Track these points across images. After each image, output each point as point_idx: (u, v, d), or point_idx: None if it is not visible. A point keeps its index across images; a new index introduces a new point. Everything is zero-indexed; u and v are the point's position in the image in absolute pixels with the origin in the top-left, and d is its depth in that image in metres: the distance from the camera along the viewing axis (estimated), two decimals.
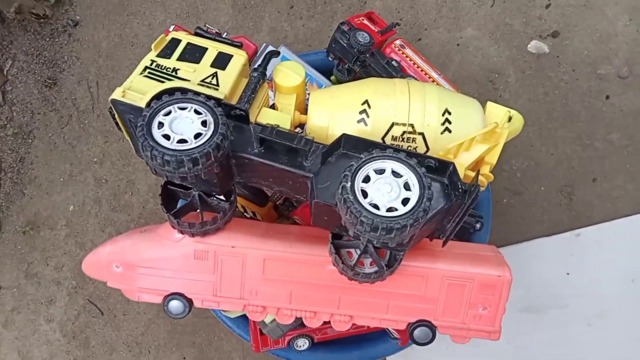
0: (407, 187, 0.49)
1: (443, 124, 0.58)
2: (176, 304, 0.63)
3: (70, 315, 1.14)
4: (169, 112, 0.51)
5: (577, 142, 1.14)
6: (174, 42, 0.58)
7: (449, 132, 0.58)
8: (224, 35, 0.62)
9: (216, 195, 0.61)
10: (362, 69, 0.78)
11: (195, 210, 0.61)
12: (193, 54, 0.58)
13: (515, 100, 1.16)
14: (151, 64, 0.56)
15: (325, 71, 0.88)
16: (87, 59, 1.22)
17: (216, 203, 0.61)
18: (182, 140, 0.50)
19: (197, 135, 0.50)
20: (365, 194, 0.49)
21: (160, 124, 0.51)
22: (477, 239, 0.86)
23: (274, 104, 0.64)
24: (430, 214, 0.50)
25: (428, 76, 0.79)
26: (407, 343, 0.79)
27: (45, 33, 1.23)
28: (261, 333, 0.82)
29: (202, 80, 0.56)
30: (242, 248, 0.61)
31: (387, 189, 0.49)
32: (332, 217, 0.53)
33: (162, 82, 0.55)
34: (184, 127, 0.51)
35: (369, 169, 0.50)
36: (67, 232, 1.17)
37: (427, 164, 0.53)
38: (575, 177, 1.13)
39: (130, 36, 1.22)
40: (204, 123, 0.51)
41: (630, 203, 1.12)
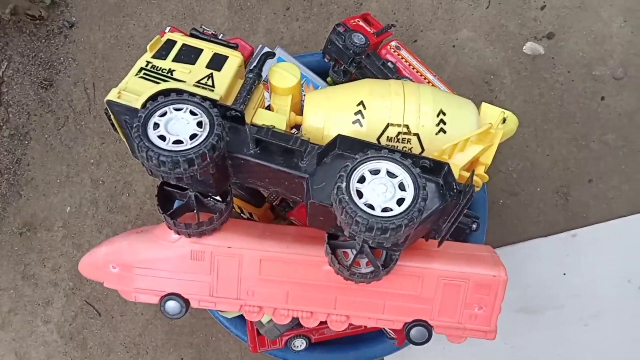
0: (402, 187, 0.49)
1: (438, 124, 0.58)
2: (173, 305, 0.63)
3: (67, 317, 1.14)
4: (164, 113, 0.51)
5: (572, 143, 1.14)
6: (170, 43, 0.59)
7: (443, 132, 0.58)
8: (219, 37, 0.62)
9: (212, 196, 0.61)
10: (358, 70, 0.78)
11: (191, 211, 0.61)
12: (188, 55, 0.58)
13: (511, 101, 1.16)
14: (146, 65, 0.56)
15: (322, 72, 0.88)
16: (83, 61, 1.22)
17: (212, 204, 0.61)
18: (177, 141, 0.50)
19: (193, 136, 0.50)
20: (360, 194, 0.49)
21: (155, 125, 0.51)
22: (474, 240, 0.86)
23: (269, 105, 0.64)
24: (425, 214, 0.50)
25: (423, 77, 0.79)
26: (403, 343, 0.79)
27: (41, 34, 1.23)
28: (258, 333, 0.82)
29: (198, 82, 0.56)
30: (239, 248, 0.61)
31: (382, 189, 0.49)
32: (327, 218, 0.53)
33: (157, 83, 0.55)
34: (179, 128, 0.51)
35: (364, 169, 0.50)
36: (64, 234, 1.17)
37: (422, 164, 0.53)
38: (571, 178, 1.14)
39: (126, 37, 1.22)
40: (199, 124, 0.51)
41: (625, 204, 1.12)
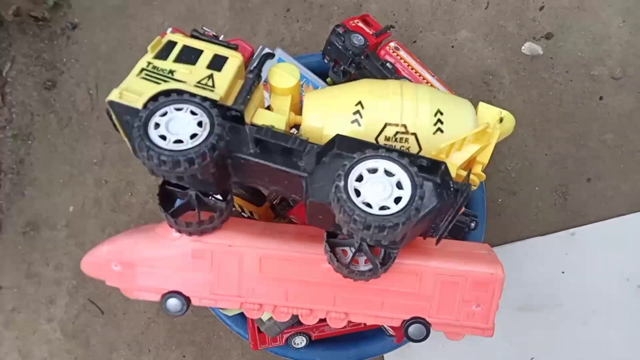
0: (399, 186, 0.50)
1: (435, 124, 0.59)
2: (174, 302, 0.63)
3: (70, 315, 1.15)
4: (165, 113, 0.52)
5: (571, 143, 1.15)
6: (170, 44, 0.59)
7: (441, 132, 0.59)
8: (220, 38, 0.63)
9: (213, 195, 0.62)
10: (357, 71, 0.79)
11: (192, 209, 0.61)
12: (189, 56, 0.59)
13: (510, 101, 1.17)
14: (147, 66, 0.57)
15: (321, 73, 0.89)
16: (86, 62, 1.23)
17: (213, 202, 0.62)
18: (178, 141, 0.51)
19: (193, 136, 0.51)
20: (358, 192, 0.49)
21: (156, 125, 0.51)
22: (472, 238, 0.87)
23: (269, 105, 0.64)
24: (422, 212, 0.50)
25: (422, 78, 0.80)
26: (402, 340, 0.80)
27: (44, 36, 1.24)
28: (259, 331, 0.83)
29: (198, 82, 0.56)
30: (239, 247, 0.62)
31: (379, 187, 0.49)
32: (326, 216, 0.54)
33: (158, 83, 0.55)
34: (180, 127, 0.51)
35: (362, 168, 0.51)
36: (67, 233, 1.17)
37: (419, 163, 0.54)
38: (570, 177, 1.14)
39: (129, 39, 1.23)
40: (199, 124, 0.52)
41: (624, 202, 1.13)
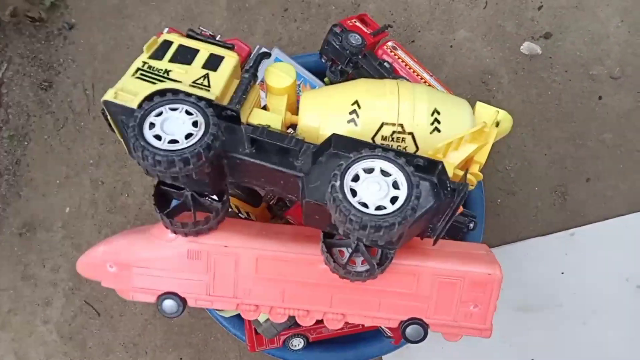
0: (395, 185, 0.49)
1: (432, 123, 0.58)
2: (170, 304, 0.63)
3: (67, 317, 1.15)
4: (160, 113, 0.52)
5: (570, 142, 1.15)
6: (166, 44, 0.59)
7: (438, 131, 0.59)
8: (217, 38, 0.63)
9: (209, 195, 0.62)
10: (355, 71, 0.78)
11: (188, 210, 0.61)
12: (185, 56, 0.58)
13: (509, 101, 1.16)
14: (143, 66, 0.57)
15: (319, 73, 0.89)
16: (82, 62, 1.23)
17: (209, 203, 0.61)
18: (173, 141, 0.50)
19: (188, 136, 0.51)
20: (354, 192, 0.49)
21: (151, 125, 0.51)
22: (471, 239, 0.87)
23: (265, 105, 0.64)
24: (419, 212, 0.50)
25: (420, 77, 0.79)
26: (400, 341, 0.79)
27: (41, 36, 1.23)
28: (256, 332, 0.82)
29: (194, 82, 0.56)
30: (235, 247, 0.62)
31: (375, 187, 0.49)
32: (323, 216, 0.54)
33: (153, 83, 0.55)
34: (175, 127, 0.51)
35: (358, 168, 0.50)
36: (63, 234, 1.17)
37: (416, 163, 0.53)
38: (569, 177, 1.14)
39: (126, 39, 1.23)
40: (195, 124, 0.51)
41: (623, 202, 1.12)
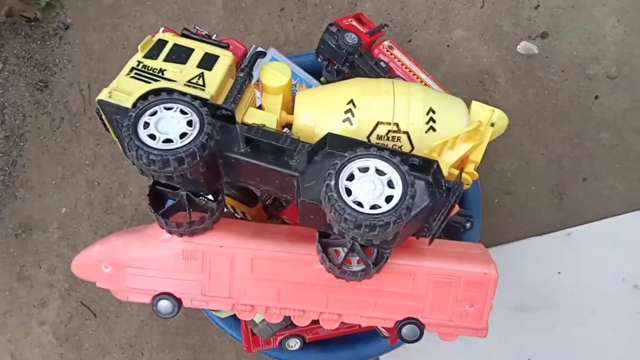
0: (390, 185, 0.49)
1: (427, 122, 0.58)
2: (165, 304, 0.63)
3: (63, 318, 1.14)
4: (154, 112, 0.52)
5: (567, 142, 1.15)
6: (161, 43, 0.59)
7: (433, 130, 0.59)
8: (213, 38, 0.62)
9: (204, 195, 0.62)
10: (351, 70, 0.78)
11: (183, 210, 0.61)
12: (179, 55, 0.58)
13: (506, 100, 1.16)
14: (137, 65, 0.57)
15: (315, 72, 0.89)
16: (78, 62, 1.22)
17: (204, 203, 0.61)
18: (167, 140, 0.50)
19: (183, 135, 0.51)
20: (349, 191, 0.49)
21: (146, 124, 0.51)
22: (468, 239, 0.86)
23: (261, 104, 0.64)
24: (414, 211, 0.50)
25: (416, 77, 0.79)
26: (396, 341, 0.79)
27: (37, 36, 1.23)
28: (252, 333, 0.82)
29: (189, 81, 0.56)
30: (230, 247, 0.61)
31: (370, 186, 0.49)
32: (318, 216, 0.53)
33: (148, 82, 0.55)
34: (169, 127, 0.51)
35: (353, 167, 0.50)
36: (59, 235, 1.17)
37: (411, 162, 0.53)
38: (566, 177, 1.14)
39: (122, 39, 1.22)
40: (189, 123, 0.51)
41: (620, 202, 1.12)
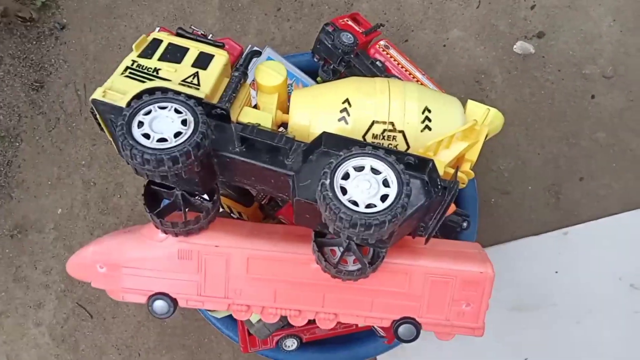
0: (385, 183, 0.49)
1: (423, 121, 0.58)
2: (161, 304, 0.62)
3: (59, 319, 1.14)
4: (149, 112, 0.51)
5: (563, 142, 1.15)
6: (155, 42, 0.59)
7: (429, 129, 0.58)
8: (209, 37, 0.62)
9: (199, 195, 0.61)
10: (347, 70, 0.78)
11: (178, 209, 0.61)
12: (174, 54, 0.58)
13: (502, 100, 1.16)
14: (132, 64, 0.57)
15: (312, 72, 0.88)
16: (74, 62, 1.22)
17: (199, 202, 0.61)
18: (162, 139, 0.50)
19: (177, 134, 0.50)
20: (344, 190, 0.49)
21: (140, 123, 0.51)
22: (464, 238, 0.86)
23: (256, 104, 0.64)
24: (409, 210, 0.50)
25: (412, 76, 0.79)
26: (393, 341, 0.79)
27: (32, 36, 1.23)
28: (249, 333, 0.82)
29: (183, 80, 0.56)
30: (226, 247, 0.61)
31: (366, 185, 0.49)
32: (313, 215, 0.53)
33: (142, 82, 0.55)
34: (164, 126, 0.51)
35: (348, 166, 0.50)
36: (55, 236, 1.16)
37: (407, 161, 0.53)
38: (562, 176, 1.14)
39: (118, 39, 1.22)
40: (184, 122, 0.51)
41: (617, 201, 1.13)
